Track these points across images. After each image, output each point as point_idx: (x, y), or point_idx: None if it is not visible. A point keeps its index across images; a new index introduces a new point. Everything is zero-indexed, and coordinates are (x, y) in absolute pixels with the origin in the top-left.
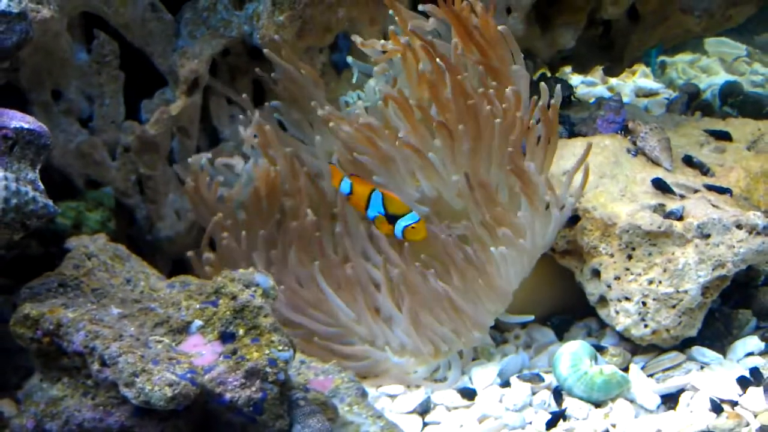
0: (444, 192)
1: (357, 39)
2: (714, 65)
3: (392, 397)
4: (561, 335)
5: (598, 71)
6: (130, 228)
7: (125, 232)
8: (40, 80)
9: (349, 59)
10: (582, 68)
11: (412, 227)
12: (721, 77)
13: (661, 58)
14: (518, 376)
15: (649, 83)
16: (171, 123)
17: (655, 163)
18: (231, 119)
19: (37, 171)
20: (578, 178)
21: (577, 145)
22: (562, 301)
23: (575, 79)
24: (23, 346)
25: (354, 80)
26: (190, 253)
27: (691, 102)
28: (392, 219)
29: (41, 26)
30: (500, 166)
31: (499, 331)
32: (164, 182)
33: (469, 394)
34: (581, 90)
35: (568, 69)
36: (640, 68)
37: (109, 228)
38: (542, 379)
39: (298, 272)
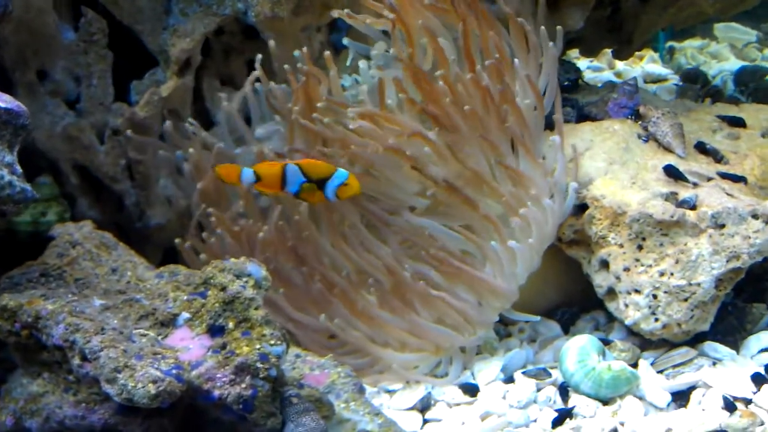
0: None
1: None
2: (724, 51)
3: (391, 393)
4: (567, 329)
5: (605, 56)
6: (119, 215)
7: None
8: (25, 60)
9: (345, 40)
10: (589, 51)
11: (345, 184)
12: (732, 63)
13: (670, 43)
14: (523, 372)
15: (658, 69)
16: (162, 105)
17: (667, 149)
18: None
19: (15, 153)
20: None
21: (585, 129)
22: (569, 293)
23: (581, 63)
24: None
25: (348, 63)
26: (177, 241)
27: (702, 89)
28: (320, 184)
29: (24, 2)
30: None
31: (503, 325)
32: (155, 167)
33: (471, 390)
34: (588, 75)
35: (574, 53)
36: (648, 53)
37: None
38: (548, 375)
39: (293, 274)
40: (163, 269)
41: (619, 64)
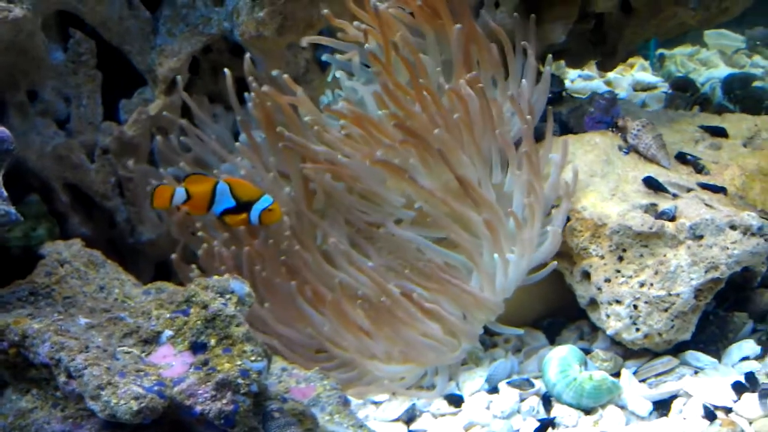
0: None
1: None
2: (714, 58)
3: (377, 404)
4: (552, 338)
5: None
6: (111, 231)
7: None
8: (15, 81)
9: (325, 56)
10: (575, 63)
11: (269, 210)
12: (721, 70)
13: (660, 51)
14: (507, 382)
15: (648, 77)
16: (150, 123)
17: (651, 161)
18: (214, 118)
19: (0, 177)
20: (567, 177)
21: (569, 142)
22: (554, 304)
23: (572, 73)
24: None
25: (329, 79)
26: (174, 256)
27: (691, 97)
28: (246, 206)
29: (14, 26)
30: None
31: (489, 335)
32: (144, 184)
33: (455, 400)
34: (578, 84)
35: (562, 63)
36: (639, 61)
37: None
38: (532, 385)
39: (281, 287)
40: (150, 286)
41: (610, 73)
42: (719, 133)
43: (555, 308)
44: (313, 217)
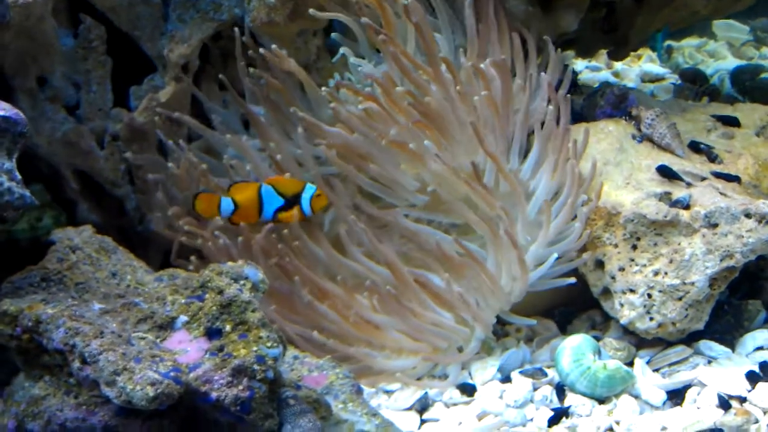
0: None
1: None
2: (721, 49)
3: (389, 393)
4: (564, 328)
5: (603, 55)
6: (121, 219)
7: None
8: (24, 66)
9: (333, 35)
10: (585, 52)
11: (317, 195)
12: (729, 62)
13: (668, 42)
14: (520, 372)
15: (655, 68)
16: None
17: (666, 149)
18: (223, 105)
19: (14, 160)
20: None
21: (580, 131)
22: (565, 293)
23: (579, 64)
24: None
25: (334, 60)
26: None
27: (700, 88)
28: (294, 200)
29: (23, 10)
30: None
31: (501, 324)
32: (154, 171)
33: (468, 390)
34: (586, 75)
35: (571, 53)
36: (646, 53)
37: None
38: (544, 374)
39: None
40: (163, 273)
41: (618, 64)
42: (731, 122)
43: (566, 297)
44: (330, 194)
